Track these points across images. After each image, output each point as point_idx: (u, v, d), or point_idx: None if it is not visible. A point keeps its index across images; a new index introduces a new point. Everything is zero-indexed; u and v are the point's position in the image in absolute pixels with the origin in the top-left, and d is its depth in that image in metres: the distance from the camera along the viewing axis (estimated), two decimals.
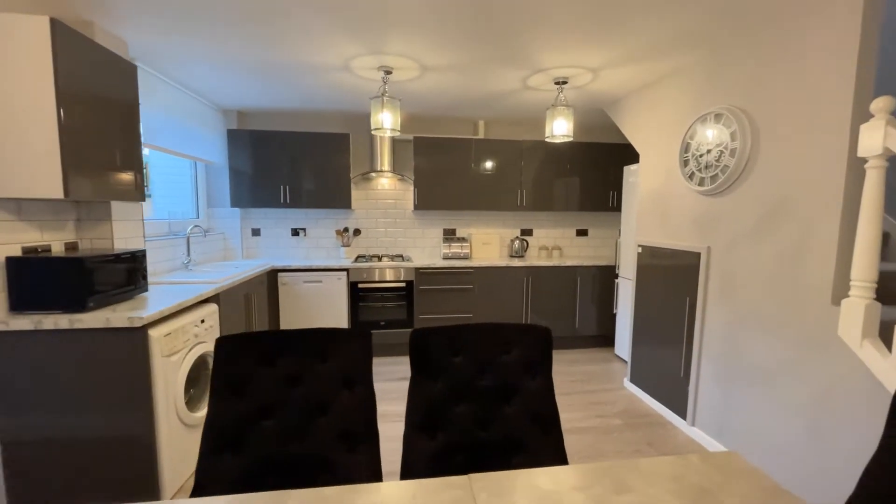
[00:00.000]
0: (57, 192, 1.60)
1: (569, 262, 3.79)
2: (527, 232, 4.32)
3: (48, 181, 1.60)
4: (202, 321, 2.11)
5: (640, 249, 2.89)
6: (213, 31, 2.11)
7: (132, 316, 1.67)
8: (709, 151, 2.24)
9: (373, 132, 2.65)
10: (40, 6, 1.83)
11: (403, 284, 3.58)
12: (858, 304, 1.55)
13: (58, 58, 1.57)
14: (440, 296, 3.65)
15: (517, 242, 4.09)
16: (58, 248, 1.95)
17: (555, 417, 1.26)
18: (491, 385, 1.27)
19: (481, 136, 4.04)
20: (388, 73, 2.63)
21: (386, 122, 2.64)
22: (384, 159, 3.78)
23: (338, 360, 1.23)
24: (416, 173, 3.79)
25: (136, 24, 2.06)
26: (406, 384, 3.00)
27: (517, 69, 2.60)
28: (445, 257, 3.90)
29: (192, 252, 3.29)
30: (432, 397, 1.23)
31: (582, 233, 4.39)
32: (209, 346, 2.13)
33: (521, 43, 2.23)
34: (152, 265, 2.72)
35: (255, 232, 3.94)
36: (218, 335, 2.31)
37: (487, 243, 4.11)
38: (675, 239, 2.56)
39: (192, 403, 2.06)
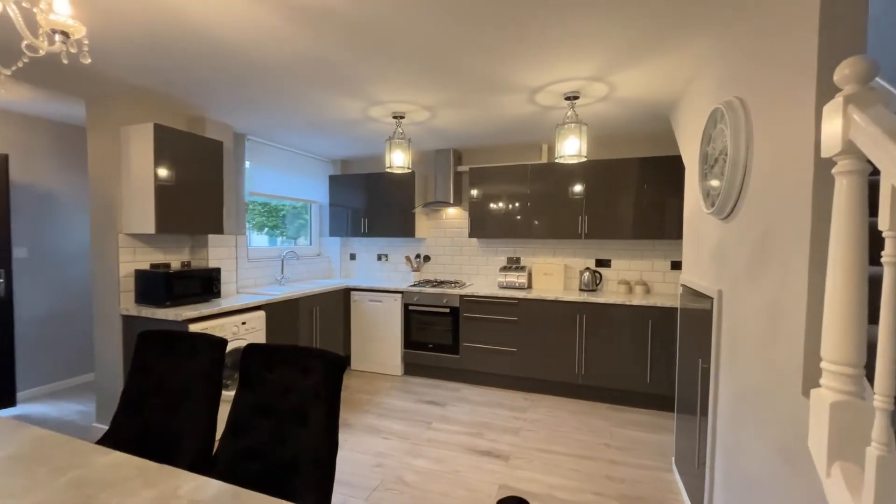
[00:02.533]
0: (151, 229, 2.53)
1: (638, 301, 3.13)
2: (603, 263, 3.77)
3: (148, 223, 2.54)
4: (243, 323, 2.82)
5: (681, 289, 2.24)
6: (275, 108, 2.83)
7: (178, 313, 2.44)
8: (716, 161, 1.66)
9: (386, 170, 2.97)
10: (172, 112, 2.91)
11: (448, 310, 3.69)
12: (824, 401, 0.93)
13: (156, 146, 2.51)
14: (484, 325, 3.58)
15: (586, 274, 3.63)
16: (176, 265, 2.97)
17: (328, 455, 1.26)
18: (291, 405, 1.37)
19: (544, 160, 3.82)
20: (401, 117, 2.92)
21: (396, 160, 2.92)
22: (447, 191, 4.02)
23: (201, 357, 1.57)
24: (471, 203, 3.88)
25: (231, 115, 3.00)
26: (433, 408, 3.10)
27: (513, 93, 2.50)
28: (500, 286, 3.80)
29: (299, 271, 4.26)
30: (244, 406, 1.42)
31: (678, 265, 3.53)
32: (249, 341, 2.80)
33: (496, 73, 2.18)
34: (254, 279, 3.71)
35: (353, 256, 4.75)
36: (263, 336, 2.99)
37: (549, 274, 3.78)
38: (700, 277, 1.91)
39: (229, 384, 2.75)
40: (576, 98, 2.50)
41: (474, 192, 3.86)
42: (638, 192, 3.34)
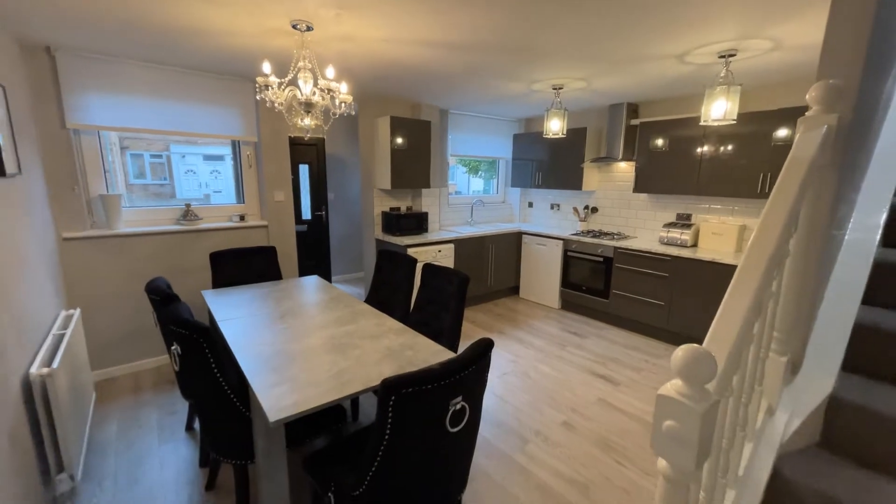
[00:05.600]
0: (388, 185, 3.97)
1: None
2: None
3: (387, 181, 3.99)
4: (439, 251, 4.09)
5: None
6: (464, 92, 3.78)
7: (402, 240, 3.87)
8: None
9: (545, 136, 3.51)
10: (401, 103, 4.22)
11: (601, 259, 4.06)
12: None
13: (391, 130, 3.85)
14: (635, 277, 3.82)
15: None
16: (404, 208, 4.47)
17: (455, 329, 2.22)
18: (442, 300, 2.38)
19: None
20: (559, 88, 3.34)
21: (553, 127, 3.42)
22: (617, 146, 4.17)
23: (404, 267, 2.76)
24: (639, 157, 3.94)
25: (437, 99, 4.10)
26: (572, 337, 3.80)
27: (659, 60, 2.58)
28: (661, 241, 3.86)
29: (486, 215, 5.35)
30: (421, 296, 2.53)
31: None
32: (440, 262, 4.08)
33: (633, 50, 2.41)
34: (451, 220, 4.99)
35: (530, 205, 5.49)
36: (452, 261, 4.23)
37: (718, 234, 3.57)
38: None
39: None
40: (732, 55, 2.38)
41: (644, 146, 3.89)
42: None
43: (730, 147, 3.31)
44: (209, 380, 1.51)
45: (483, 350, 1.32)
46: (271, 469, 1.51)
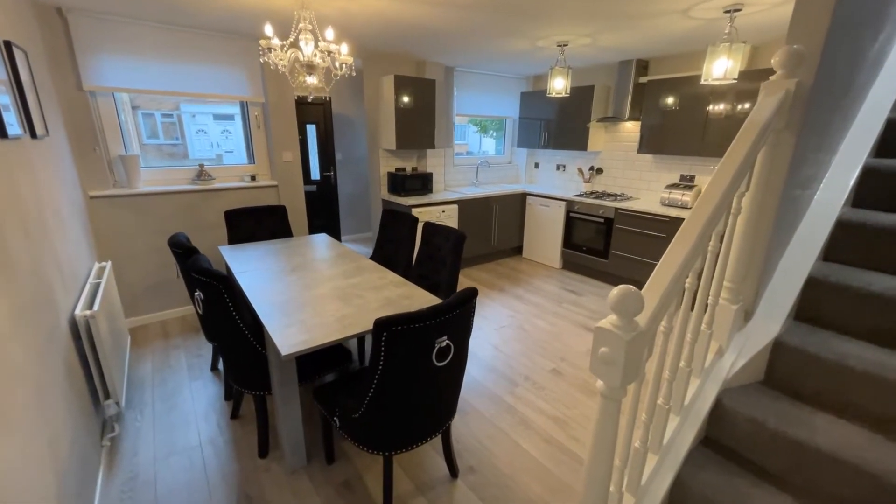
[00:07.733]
0: (393, 146, 4.04)
1: None
2: None
3: (392, 141, 4.05)
4: (443, 211, 4.21)
5: None
6: (469, 50, 3.75)
7: (406, 201, 3.99)
8: None
9: (548, 95, 3.49)
10: (406, 60, 4.18)
11: (602, 220, 4.14)
12: None
13: (395, 89, 3.86)
14: (634, 237, 3.91)
15: None
16: (409, 169, 4.54)
17: (452, 282, 2.39)
18: (441, 256, 2.54)
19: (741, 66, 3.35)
20: (564, 45, 3.28)
21: (557, 86, 3.39)
22: (623, 105, 4.11)
23: (406, 225, 2.91)
24: (645, 116, 3.89)
25: (442, 56, 4.05)
26: (570, 295, 3.96)
27: (662, 16, 2.53)
28: (662, 203, 3.90)
29: (492, 175, 5.39)
30: (422, 252, 2.69)
31: None
32: (443, 223, 4.20)
33: (631, 5, 2.38)
34: (457, 180, 5.05)
35: (537, 165, 5.50)
36: (455, 222, 4.35)
37: None
38: None
39: None
40: (738, 10, 2.33)
41: (650, 105, 3.84)
42: None
43: (736, 106, 3.26)
44: (229, 322, 1.72)
45: (467, 297, 1.48)
46: (286, 397, 1.75)
